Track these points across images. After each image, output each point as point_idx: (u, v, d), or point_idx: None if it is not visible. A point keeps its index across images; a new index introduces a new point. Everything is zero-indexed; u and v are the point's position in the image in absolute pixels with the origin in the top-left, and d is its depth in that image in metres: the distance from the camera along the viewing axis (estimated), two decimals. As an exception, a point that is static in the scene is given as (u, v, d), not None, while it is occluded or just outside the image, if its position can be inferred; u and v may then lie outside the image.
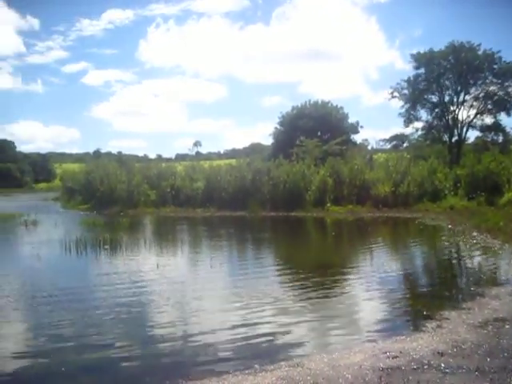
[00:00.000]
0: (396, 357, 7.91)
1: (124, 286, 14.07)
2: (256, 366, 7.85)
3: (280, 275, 15.99)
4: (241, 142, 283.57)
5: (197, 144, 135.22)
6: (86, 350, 8.94)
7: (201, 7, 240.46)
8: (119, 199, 47.65)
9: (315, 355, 8.27)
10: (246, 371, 7.64)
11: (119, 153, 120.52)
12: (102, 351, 8.88)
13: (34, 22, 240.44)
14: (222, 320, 10.59)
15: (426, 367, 7.41)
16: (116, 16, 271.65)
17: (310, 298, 12.56)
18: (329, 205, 39.95)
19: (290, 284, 14.44)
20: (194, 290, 13.67)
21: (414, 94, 55.55)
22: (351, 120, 63.77)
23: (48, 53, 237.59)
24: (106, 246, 21.62)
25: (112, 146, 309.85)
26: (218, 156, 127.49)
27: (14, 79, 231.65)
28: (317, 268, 16.92)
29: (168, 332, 9.91)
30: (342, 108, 63.54)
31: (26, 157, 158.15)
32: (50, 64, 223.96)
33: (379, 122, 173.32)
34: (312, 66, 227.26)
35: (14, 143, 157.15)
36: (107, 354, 8.73)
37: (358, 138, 64.50)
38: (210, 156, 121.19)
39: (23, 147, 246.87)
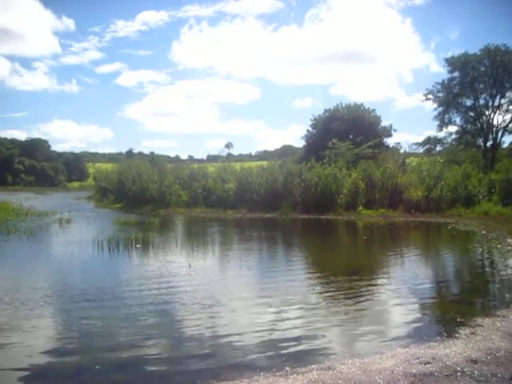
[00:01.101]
0: (429, 363, 7.83)
1: (156, 286, 14.18)
2: (287, 368, 7.83)
3: (310, 278, 15.90)
4: (272, 144, 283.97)
5: (228, 145, 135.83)
6: (118, 348, 9.06)
7: (235, 9, 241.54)
8: (151, 199, 48.18)
9: (346, 359, 8.23)
10: (277, 373, 7.63)
11: (151, 153, 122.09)
12: (134, 349, 8.98)
13: (70, 23, 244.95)
14: (252, 322, 10.59)
15: (459, 374, 7.33)
16: (150, 17, 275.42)
17: (340, 302, 12.49)
18: (360, 208, 39.80)
19: (321, 287, 14.36)
20: (225, 291, 13.71)
21: (448, 98, 54.99)
22: (384, 123, 63.50)
23: (83, 53, 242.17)
24: (138, 245, 21.86)
25: (144, 147, 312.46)
26: (249, 158, 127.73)
27: (50, 79, 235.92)
28: (348, 272, 16.79)
29: (198, 332, 9.96)
30: (374, 111, 63.26)
31: (60, 156, 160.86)
32: (85, 65, 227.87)
33: (412, 125, 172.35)
34: (345, 68, 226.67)
35: (48, 142, 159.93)
36: (138, 353, 8.81)
37: (390, 141, 63.96)
38: (241, 157, 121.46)
39: (58, 146, 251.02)
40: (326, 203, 40.62)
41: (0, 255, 20.52)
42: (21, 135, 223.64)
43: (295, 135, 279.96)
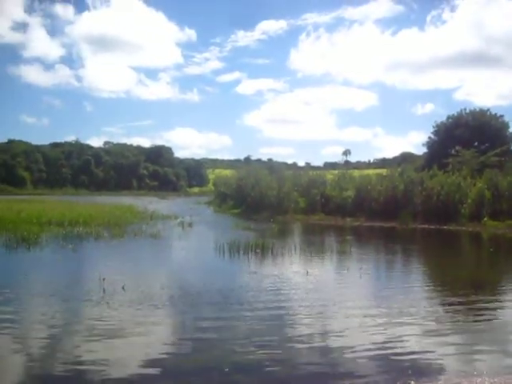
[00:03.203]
0: None
1: (274, 291, 14.43)
2: (412, 383, 7.67)
3: (429, 291, 15.42)
4: (391, 151, 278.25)
5: (346, 153, 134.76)
6: (236, 350, 9.32)
7: (354, 14, 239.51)
8: (269, 205, 48.82)
9: (458, 378, 7.92)
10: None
11: (269, 160, 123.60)
12: (251, 352, 9.19)
13: (192, 34, 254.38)
14: (366, 334, 10.41)
15: None
16: (270, 26, 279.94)
17: (459, 319, 11.94)
18: (485, 219, 37.83)
19: (439, 302, 13.90)
20: (342, 300, 13.65)
21: None
22: (513, 129, 59.87)
23: (205, 64, 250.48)
24: (258, 251, 22.22)
25: (262, 153, 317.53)
26: (367, 165, 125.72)
27: (172, 89, 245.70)
28: (469, 287, 16.02)
29: (311, 341, 9.99)
30: (502, 116, 59.91)
31: (182, 162, 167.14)
32: (206, 74, 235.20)
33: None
34: (469, 72, 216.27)
35: (171, 149, 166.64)
36: (255, 356, 9.02)
37: (519, 148, 60.27)
38: (358, 165, 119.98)
39: (179, 153, 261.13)
40: (449, 213, 39.07)
41: (129, 256, 21.68)
42: (145, 142, 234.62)
43: (415, 142, 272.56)
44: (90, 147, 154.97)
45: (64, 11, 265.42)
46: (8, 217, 31.83)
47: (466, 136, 55.15)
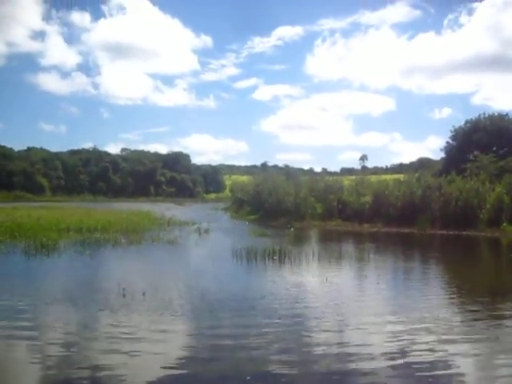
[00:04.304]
0: None
1: (293, 298, 14.42)
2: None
3: (448, 299, 15.27)
4: (408, 157, 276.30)
5: (363, 158, 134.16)
6: (255, 357, 9.29)
7: (370, 19, 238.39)
8: (286, 211, 48.75)
9: None
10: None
11: (286, 166, 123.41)
12: (271, 360, 9.18)
13: (208, 40, 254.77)
14: (386, 342, 10.32)
15: None
16: (286, 32, 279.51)
17: (479, 327, 11.72)
18: (505, 224, 37.44)
19: (459, 309, 13.76)
20: (360, 306, 13.65)
21: None
22: (532, 134, 59.24)
23: (221, 70, 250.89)
24: (275, 257, 22.19)
25: (278, 159, 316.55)
26: (385, 170, 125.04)
27: (189, 95, 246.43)
28: (489, 294, 15.90)
29: (330, 348, 9.92)
30: (521, 121, 59.39)
31: (199, 168, 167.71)
32: (222, 81, 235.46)
33: None
34: (488, 76, 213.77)
35: (189, 156, 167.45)
36: (275, 364, 9.00)
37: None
38: (376, 170, 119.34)
39: (195, 159, 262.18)
40: (467, 219, 38.71)
41: (147, 262, 21.83)
42: (162, 149, 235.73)
43: (432, 147, 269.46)
44: (107, 154, 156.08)
45: (81, 19, 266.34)
46: (27, 224, 32.11)
47: (485, 141, 54.70)
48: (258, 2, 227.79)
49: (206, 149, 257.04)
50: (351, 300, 14.60)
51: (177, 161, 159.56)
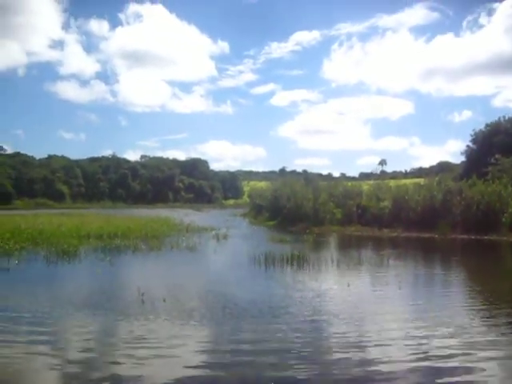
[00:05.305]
0: None
1: (315, 303, 14.35)
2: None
3: (469, 304, 14.98)
4: (427, 160, 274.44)
5: (382, 163, 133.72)
6: (276, 363, 9.25)
7: (388, 22, 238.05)
8: (305, 217, 48.61)
9: None
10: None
11: (304, 171, 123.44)
12: (292, 365, 9.11)
13: (225, 46, 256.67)
14: (406, 347, 10.22)
15: None
16: (303, 37, 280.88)
17: (500, 332, 11.49)
18: (527, 229, 36.95)
19: (480, 314, 13.44)
20: (383, 312, 13.52)
21: None
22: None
23: (239, 76, 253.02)
24: (295, 263, 22.09)
25: (296, 165, 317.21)
26: (404, 175, 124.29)
27: (206, 102, 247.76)
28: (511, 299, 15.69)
29: (351, 353, 9.83)
30: (543, 122, 58.63)
31: (217, 174, 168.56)
32: (240, 87, 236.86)
33: None
34: (508, 77, 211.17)
35: (207, 162, 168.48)
36: (295, 369, 8.94)
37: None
38: (395, 175, 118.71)
39: (213, 165, 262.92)
40: (489, 223, 38.11)
41: (167, 268, 21.92)
42: (180, 155, 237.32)
43: (452, 151, 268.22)
44: (126, 161, 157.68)
45: (99, 27, 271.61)
46: (48, 230, 32.45)
47: (506, 143, 54.02)
48: (274, 8, 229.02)
49: (223, 155, 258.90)
50: (372, 305, 14.54)
51: (195, 167, 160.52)
